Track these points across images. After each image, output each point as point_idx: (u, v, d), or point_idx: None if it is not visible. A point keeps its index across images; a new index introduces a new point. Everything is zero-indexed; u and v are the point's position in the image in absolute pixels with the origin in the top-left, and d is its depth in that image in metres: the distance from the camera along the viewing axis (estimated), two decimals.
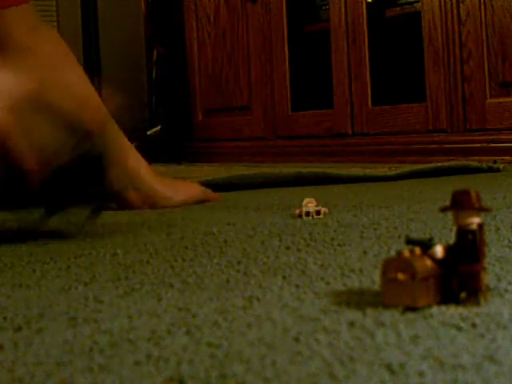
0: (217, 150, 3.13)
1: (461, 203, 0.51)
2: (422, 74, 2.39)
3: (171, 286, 0.62)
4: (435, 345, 0.42)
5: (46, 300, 0.58)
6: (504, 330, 0.45)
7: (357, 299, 0.54)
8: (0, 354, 0.44)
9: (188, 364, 0.41)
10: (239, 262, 0.71)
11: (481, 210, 0.51)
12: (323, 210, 1.04)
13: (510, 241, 0.76)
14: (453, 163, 1.90)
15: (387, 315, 0.49)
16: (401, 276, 0.50)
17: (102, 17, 3.66)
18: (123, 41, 3.95)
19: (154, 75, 3.49)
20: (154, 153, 3.32)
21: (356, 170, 1.92)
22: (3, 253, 0.83)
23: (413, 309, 0.49)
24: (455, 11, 2.28)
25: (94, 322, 0.51)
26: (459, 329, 0.45)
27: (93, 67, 3.63)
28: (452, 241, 0.51)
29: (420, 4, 2.40)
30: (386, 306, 0.50)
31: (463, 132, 2.29)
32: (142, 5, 3.65)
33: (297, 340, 0.44)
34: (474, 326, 0.46)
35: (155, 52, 3.49)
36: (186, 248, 0.81)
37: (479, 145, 2.22)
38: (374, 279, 0.60)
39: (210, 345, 0.44)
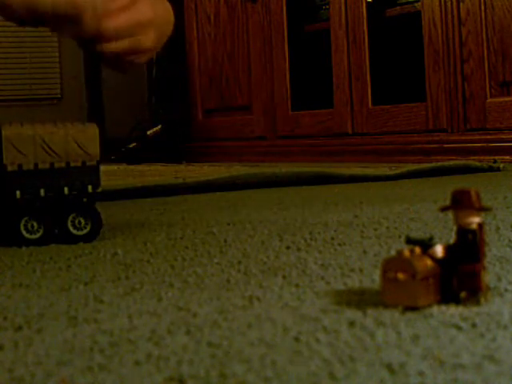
0: (217, 150, 3.13)
1: (461, 203, 0.51)
2: (422, 74, 2.39)
3: (171, 285, 0.62)
4: (435, 344, 0.42)
5: (46, 300, 0.58)
6: (504, 329, 0.45)
7: (357, 299, 0.54)
8: (0, 353, 0.44)
9: (188, 364, 0.41)
10: (239, 262, 0.71)
11: (481, 209, 0.51)
12: None
13: (510, 240, 0.76)
14: (453, 163, 1.90)
15: (387, 315, 0.49)
16: (401, 276, 0.50)
17: None
18: None
19: (153, 75, 3.49)
20: (154, 153, 3.33)
21: (356, 169, 1.92)
22: (3, 253, 0.83)
23: (413, 308, 0.49)
24: (455, 11, 2.28)
25: (94, 321, 0.51)
26: (459, 328, 0.45)
27: (93, 67, 3.63)
28: (452, 240, 0.51)
29: (420, 4, 2.40)
30: (386, 306, 0.50)
31: (463, 132, 2.29)
32: None
33: (297, 340, 0.44)
34: (474, 325, 0.46)
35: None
36: (187, 248, 0.82)
37: (479, 144, 2.22)
38: (374, 279, 0.60)
39: (210, 344, 0.44)
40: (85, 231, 0.89)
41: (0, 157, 0.87)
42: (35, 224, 0.88)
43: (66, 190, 0.89)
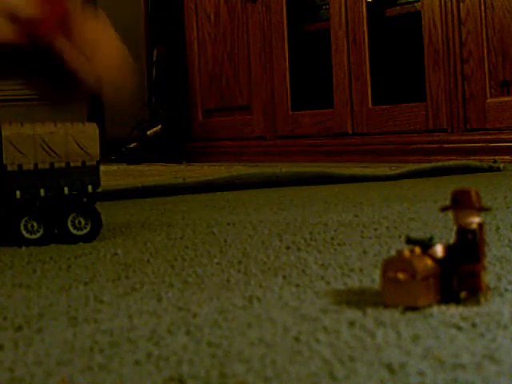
0: (217, 150, 3.13)
1: (461, 203, 0.51)
2: (422, 74, 2.39)
3: (171, 285, 0.62)
4: (435, 344, 0.42)
5: (46, 300, 0.58)
6: (504, 329, 0.45)
7: (357, 299, 0.54)
8: (0, 353, 0.44)
9: (188, 363, 0.41)
10: (239, 262, 0.71)
11: (481, 209, 0.51)
12: None
13: (510, 240, 0.76)
14: (453, 163, 1.90)
15: (387, 315, 0.49)
16: (401, 275, 0.50)
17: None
18: (123, 41, 3.95)
19: (153, 75, 3.49)
20: (154, 153, 3.33)
21: (356, 169, 1.92)
22: (3, 253, 0.83)
23: (413, 308, 0.49)
24: (455, 11, 2.28)
25: (94, 321, 0.51)
26: (459, 328, 0.45)
27: None
28: (452, 240, 0.51)
29: (420, 3, 2.40)
30: (387, 306, 0.50)
31: (463, 132, 2.29)
32: (142, 5, 3.65)
33: (297, 340, 0.44)
34: (474, 325, 0.46)
35: (155, 52, 3.49)
36: (187, 248, 0.81)
37: (479, 144, 2.22)
38: (374, 279, 0.60)
39: (210, 344, 0.44)
40: (85, 231, 0.89)
41: (0, 157, 0.87)
42: (35, 224, 0.88)
43: (66, 189, 0.89)
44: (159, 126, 3.42)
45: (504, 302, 0.51)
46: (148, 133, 3.41)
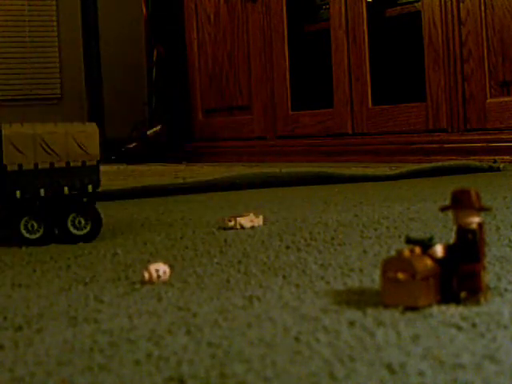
0: (217, 150, 3.14)
1: (461, 203, 0.51)
2: (422, 74, 2.39)
3: (171, 285, 0.62)
4: (435, 344, 0.42)
5: (46, 300, 0.58)
6: (504, 329, 0.45)
7: (357, 299, 0.54)
8: (0, 353, 0.44)
9: (188, 363, 0.41)
10: (239, 262, 0.71)
11: (481, 209, 0.51)
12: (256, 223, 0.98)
13: (510, 240, 0.76)
14: (453, 163, 1.90)
15: (387, 315, 0.49)
16: (401, 275, 0.50)
17: (102, 17, 3.66)
18: (123, 41, 3.95)
19: (153, 75, 3.49)
20: (154, 153, 3.33)
21: (356, 169, 1.92)
22: (3, 253, 0.83)
23: (413, 308, 0.49)
24: (455, 11, 2.28)
25: (94, 321, 0.51)
26: (459, 328, 0.45)
27: (93, 67, 3.63)
28: (452, 240, 0.51)
29: (420, 3, 2.40)
30: (386, 306, 0.50)
31: (463, 132, 2.29)
32: (142, 5, 3.65)
33: (297, 339, 0.44)
34: (474, 325, 0.46)
35: (155, 52, 3.49)
36: (186, 248, 0.81)
37: (479, 144, 2.22)
38: (374, 279, 0.60)
39: (210, 344, 0.44)
40: (85, 231, 0.89)
41: (0, 157, 0.87)
42: (35, 224, 0.88)
43: (66, 189, 0.89)
44: (159, 126, 3.42)
45: (504, 301, 0.51)
46: (148, 133, 3.41)
